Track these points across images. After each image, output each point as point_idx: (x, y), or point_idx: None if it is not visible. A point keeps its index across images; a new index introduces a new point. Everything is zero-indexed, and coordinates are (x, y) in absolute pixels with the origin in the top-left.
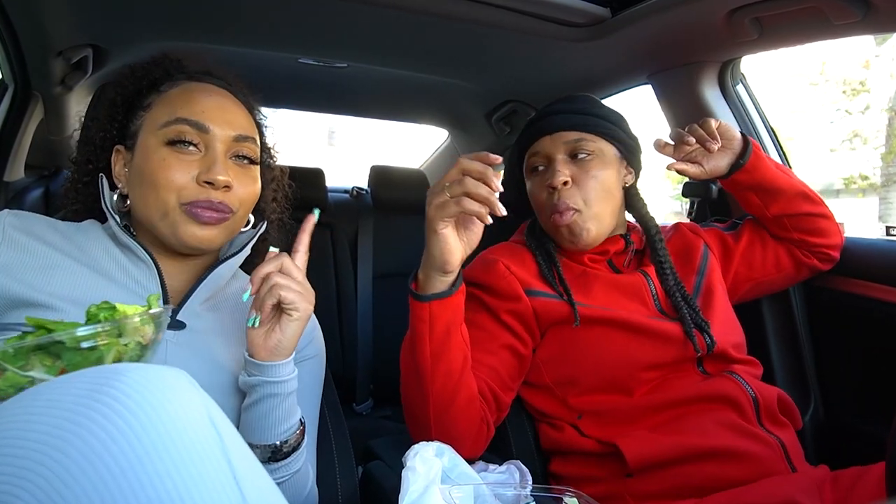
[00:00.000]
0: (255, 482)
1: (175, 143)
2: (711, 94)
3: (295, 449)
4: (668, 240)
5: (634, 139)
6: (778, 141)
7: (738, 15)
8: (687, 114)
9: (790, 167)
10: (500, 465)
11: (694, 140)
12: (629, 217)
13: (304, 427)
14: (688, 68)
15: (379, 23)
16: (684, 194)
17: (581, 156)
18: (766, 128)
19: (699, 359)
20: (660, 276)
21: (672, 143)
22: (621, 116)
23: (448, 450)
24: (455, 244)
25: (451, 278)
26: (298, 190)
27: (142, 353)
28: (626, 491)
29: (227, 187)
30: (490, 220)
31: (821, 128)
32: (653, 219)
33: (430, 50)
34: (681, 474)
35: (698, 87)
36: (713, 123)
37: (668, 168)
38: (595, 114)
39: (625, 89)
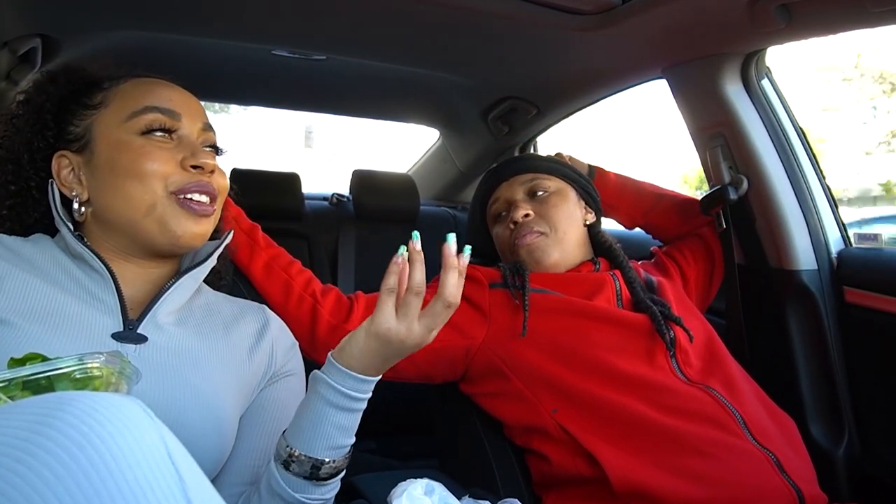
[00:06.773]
0: None
1: (151, 131)
2: (733, 90)
3: (337, 472)
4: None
5: (588, 181)
6: (808, 143)
7: (764, 1)
8: (706, 112)
9: (821, 171)
10: (493, 503)
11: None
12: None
13: (350, 455)
14: (707, 61)
15: (361, 10)
16: (704, 212)
17: (540, 193)
18: (794, 128)
19: (673, 356)
20: (626, 281)
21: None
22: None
23: (438, 487)
24: None
25: None
26: (272, 197)
27: None
28: None
29: (213, 172)
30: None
31: (855, 128)
32: (621, 250)
33: (419, 41)
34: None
35: (719, 82)
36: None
37: None
38: (545, 159)
39: (636, 84)
